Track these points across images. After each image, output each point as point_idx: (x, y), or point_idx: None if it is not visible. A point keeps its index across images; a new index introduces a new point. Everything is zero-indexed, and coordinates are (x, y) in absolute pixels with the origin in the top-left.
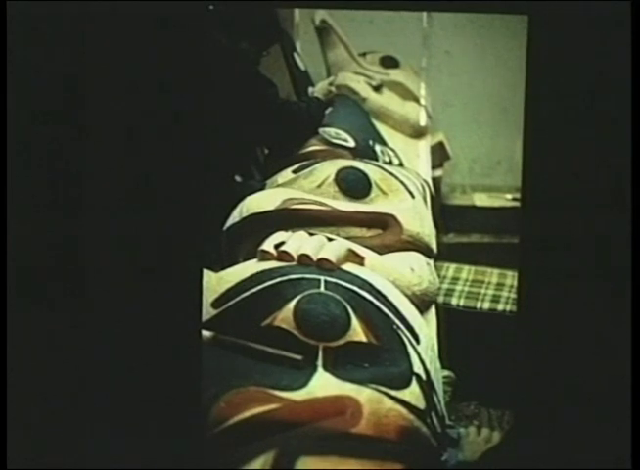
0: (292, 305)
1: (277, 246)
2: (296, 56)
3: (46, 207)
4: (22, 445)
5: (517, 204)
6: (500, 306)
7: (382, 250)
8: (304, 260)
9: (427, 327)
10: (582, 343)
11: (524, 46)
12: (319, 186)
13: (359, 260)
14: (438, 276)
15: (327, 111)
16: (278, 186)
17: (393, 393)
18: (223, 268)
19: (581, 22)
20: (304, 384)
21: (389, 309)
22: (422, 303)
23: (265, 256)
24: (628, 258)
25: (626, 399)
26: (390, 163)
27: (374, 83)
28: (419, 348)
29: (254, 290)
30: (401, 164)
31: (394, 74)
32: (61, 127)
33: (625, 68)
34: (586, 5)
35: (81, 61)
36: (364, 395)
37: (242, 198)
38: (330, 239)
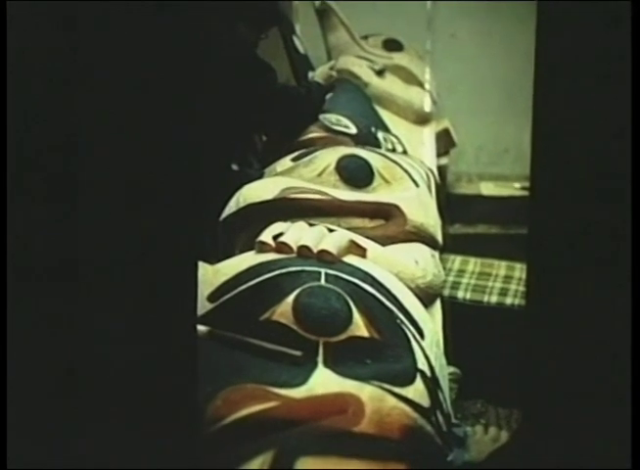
0: (291, 298)
1: (275, 237)
2: (295, 39)
3: (38, 196)
4: (22, 444)
5: (525, 193)
6: (508, 300)
7: (384, 241)
8: (304, 252)
9: (432, 322)
10: (595, 338)
11: (532, 29)
12: (319, 175)
13: (361, 252)
14: (444, 269)
15: (327, 96)
16: (276, 175)
17: (397, 390)
18: (219, 260)
19: (594, 3)
20: (304, 381)
21: (393, 303)
22: (426, 296)
23: (263, 247)
24: None
25: None
26: (394, 150)
27: (376, 67)
28: (423, 343)
29: (252, 283)
30: (405, 152)
31: (398, 58)
32: (56, 113)
33: None
34: None
35: (76, 46)
36: (366, 392)
37: (239, 187)
38: (330, 230)
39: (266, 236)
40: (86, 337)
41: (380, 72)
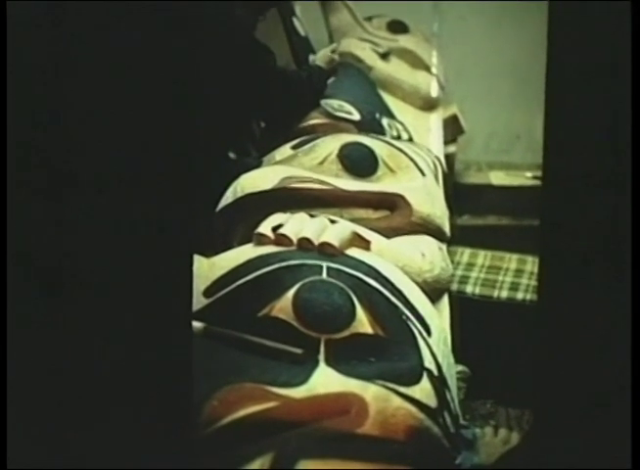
0: (291, 293)
1: (275, 229)
2: (295, 20)
3: (29, 187)
4: (22, 444)
5: (537, 183)
6: (519, 295)
7: (389, 233)
8: (305, 245)
9: (439, 318)
10: (609, 335)
11: (544, 11)
12: (321, 163)
13: (365, 245)
14: (452, 262)
15: (329, 81)
16: (276, 163)
17: (402, 389)
18: (216, 253)
19: None
20: (305, 380)
21: (398, 298)
22: (433, 291)
23: (262, 239)
24: None
25: None
26: (399, 137)
27: (381, 51)
28: (430, 340)
29: (250, 277)
30: (411, 140)
31: (403, 41)
32: (52, 104)
33: None
34: None
35: (74, 36)
36: (370, 392)
37: (236, 176)
38: (333, 221)
39: (265, 228)
40: (81, 336)
41: (384, 56)
